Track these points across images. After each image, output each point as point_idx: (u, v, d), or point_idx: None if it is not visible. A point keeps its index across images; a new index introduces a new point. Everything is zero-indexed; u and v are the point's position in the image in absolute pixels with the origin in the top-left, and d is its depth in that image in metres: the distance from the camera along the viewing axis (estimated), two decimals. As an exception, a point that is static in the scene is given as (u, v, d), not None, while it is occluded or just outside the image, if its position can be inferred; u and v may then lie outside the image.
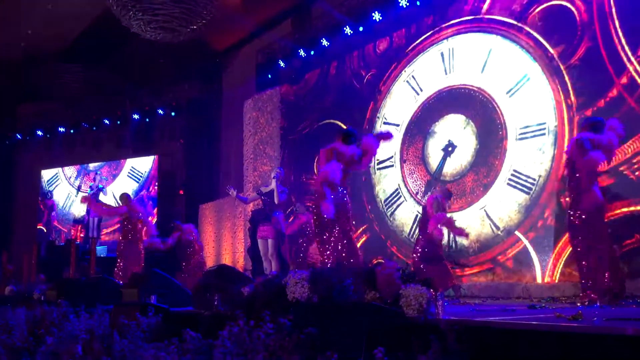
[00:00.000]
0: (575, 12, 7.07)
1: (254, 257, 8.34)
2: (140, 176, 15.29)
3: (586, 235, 5.32)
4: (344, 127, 6.45)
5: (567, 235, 5.92)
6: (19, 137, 16.67)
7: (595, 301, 5.02)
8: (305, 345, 3.05)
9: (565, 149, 6.27)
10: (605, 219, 5.46)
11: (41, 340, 4.36)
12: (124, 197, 9.23)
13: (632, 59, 6.40)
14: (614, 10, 6.65)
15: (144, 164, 15.31)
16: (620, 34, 6.55)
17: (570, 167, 5.61)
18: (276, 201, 7.58)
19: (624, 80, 6.48)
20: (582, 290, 5.34)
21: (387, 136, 6.33)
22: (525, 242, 7.34)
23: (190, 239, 9.86)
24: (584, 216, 5.34)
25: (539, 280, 7.10)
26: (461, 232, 6.87)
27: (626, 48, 6.47)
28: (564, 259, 6.82)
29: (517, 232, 7.45)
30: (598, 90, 6.72)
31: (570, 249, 6.03)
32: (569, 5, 7.17)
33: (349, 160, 5.93)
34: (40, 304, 5.99)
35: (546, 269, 7.04)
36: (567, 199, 5.97)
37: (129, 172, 15.47)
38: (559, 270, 6.89)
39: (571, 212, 5.49)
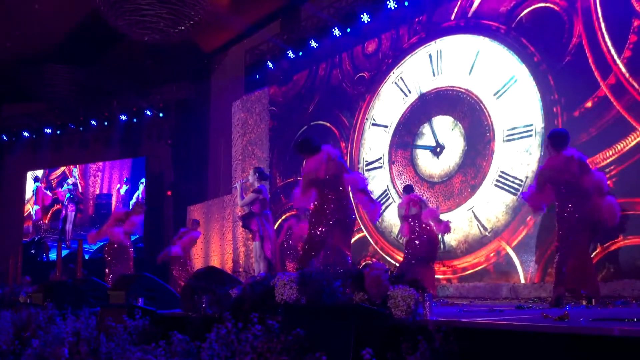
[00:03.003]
0: (562, 14, 7.13)
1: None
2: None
3: (574, 235, 5.32)
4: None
5: (553, 235, 5.94)
6: (4, 138, 16.52)
7: (582, 300, 5.05)
8: (293, 347, 3.05)
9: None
10: (593, 225, 5.43)
11: (27, 343, 4.33)
12: (140, 205, 9.42)
13: (618, 61, 6.46)
14: (600, 12, 6.71)
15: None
16: (606, 36, 6.61)
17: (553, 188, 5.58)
18: (240, 204, 7.59)
19: (610, 82, 6.53)
20: (571, 291, 5.35)
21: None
22: (513, 243, 7.38)
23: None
24: (574, 216, 5.33)
25: (526, 280, 7.14)
26: (446, 227, 7.07)
27: (612, 50, 6.53)
28: (550, 260, 6.86)
29: (504, 233, 7.49)
30: (584, 92, 6.77)
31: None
32: (555, 7, 7.22)
33: (329, 165, 5.67)
34: (26, 306, 5.92)
35: (533, 270, 7.09)
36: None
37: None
38: (546, 271, 6.93)
39: (560, 212, 5.49)
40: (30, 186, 16.74)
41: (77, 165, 16.17)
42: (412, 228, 7.13)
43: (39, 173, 16.67)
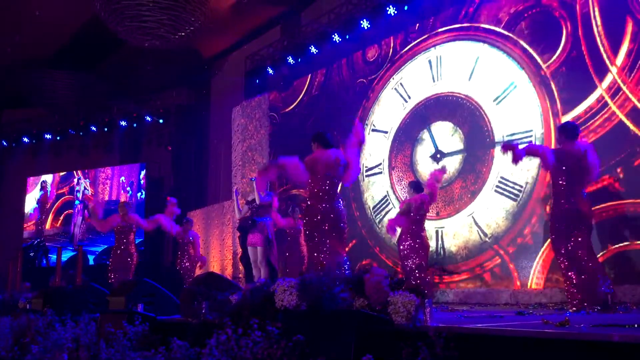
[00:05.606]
0: (561, 21, 7.15)
1: (246, 264, 8.31)
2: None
3: (568, 241, 5.32)
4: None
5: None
6: (4, 143, 16.53)
7: (583, 307, 5.04)
8: (294, 353, 3.04)
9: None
10: (589, 226, 5.45)
11: (27, 350, 4.32)
12: (122, 206, 9.18)
13: (617, 67, 6.48)
14: (598, 19, 6.73)
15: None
16: (605, 42, 6.63)
17: (554, 174, 5.62)
18: (257, 202, 7.47)
19: (609, 88, 6.55)
20: (569, 297, 5.34)
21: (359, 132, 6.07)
22: (513, 248, 7.37)
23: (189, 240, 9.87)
24: (565, 223, 5.35)
25: (526, 286, 7.13)
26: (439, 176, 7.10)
27: (611, 56, 6.55)
28: (551, 265, 6.86)
29: (504, 239, 7.48)
30: (583, 98, 6.79)
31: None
32: (554, 14, 7.25)
33: (333, 165, 5.78)
34: (25, 312, 5.91)
35: (534, 275, 7.08)
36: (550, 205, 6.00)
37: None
38: (547, 277, 6.93)
39: (554, 219, 5.50)
40: (34, 192, 16.71)
41: (87, 172, 16.12)
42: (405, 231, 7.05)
43: (48, 179, 16.62)
